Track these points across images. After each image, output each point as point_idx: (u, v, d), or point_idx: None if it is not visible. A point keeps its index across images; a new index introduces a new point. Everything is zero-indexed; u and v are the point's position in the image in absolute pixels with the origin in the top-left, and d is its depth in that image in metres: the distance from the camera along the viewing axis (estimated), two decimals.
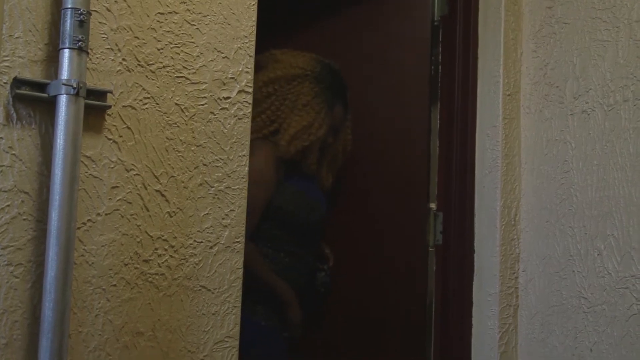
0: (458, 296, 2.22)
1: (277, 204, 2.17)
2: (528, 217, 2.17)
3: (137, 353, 1.39)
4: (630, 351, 1.83)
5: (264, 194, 2.14)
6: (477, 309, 2.19)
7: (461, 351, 2.19)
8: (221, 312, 1.52)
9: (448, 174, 2.32)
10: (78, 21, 1.29)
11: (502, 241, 2.16)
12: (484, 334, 2.16)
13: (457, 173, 2.30)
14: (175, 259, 1.46)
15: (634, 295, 1.84)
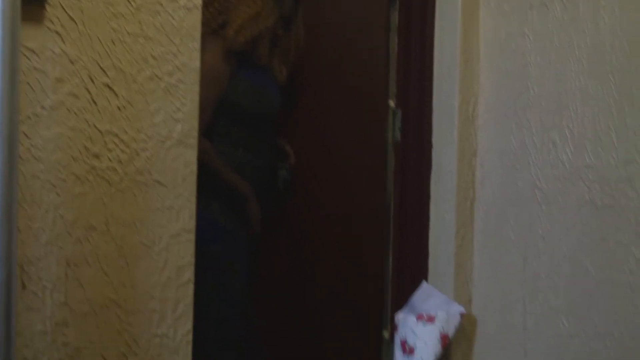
0: (416, 192, 2.25)
1: (231, 99, 2.13)
2: (486, 112, 2.18)
3: (90, 247, 1.38)
4: (580, 238, 1.88)
5: (216, 88, 2.09)
6: (435, 204, 2.22)
7: (419, 245, 2.24)
8: (176, 206, 1.51)
9: (407, 71, 2.31)
10: None
11: (460, 137, 2.18)
12: (441, 228, 2.20)
13: (416, 70, 2.29)
14: (126, 154, 1.44)
15: (586, 185, 1.87)
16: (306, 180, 2.41)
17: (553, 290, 1.95)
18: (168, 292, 1.50)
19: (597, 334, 1.84)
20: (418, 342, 2.08)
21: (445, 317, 2.07)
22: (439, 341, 2.05)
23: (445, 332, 2.06)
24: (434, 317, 2.07)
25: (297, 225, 2.45)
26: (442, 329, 2.06)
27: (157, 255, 1.48)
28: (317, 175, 2.43)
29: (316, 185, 2.42)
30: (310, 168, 2.42)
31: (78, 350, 1.36)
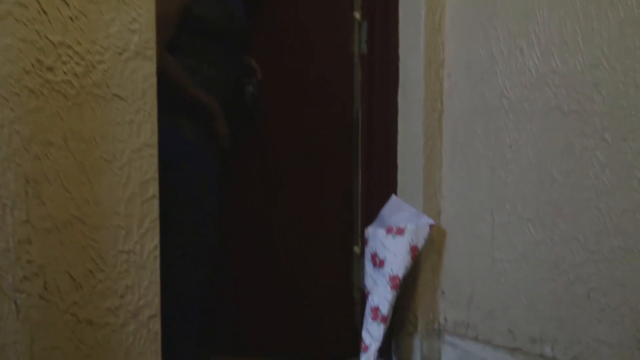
0: (384, 104, 2.23)
1: (195, 11, 2.03)
2: (453, 21, 2.14)
3: (50, 164, 1.34)
4: (547, 144, 1.88)
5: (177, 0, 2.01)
6: (403, 116, 2.20)
7: (387, 159, 2.23)
8: (136, 120, 1.47)
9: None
10: None
11: (427, 47, 2.14)
12: (409, 141, 2.18)
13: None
14: (81, 66, 1.38)
15: (553, 91, 1.86)
16: (273, 96, 2.37)
17: (520, 199, 1.96)
18: (133, 208, 1.47)
19: (563, 240, 1.86)
20: (388, 255, 2.09)
21: (414, 229, 2.08)
22: (408, 253, 2.07)
23: (414, 243, 2.08)
24: (403, 230, 2.08)
25: (265, 142, 2.42)
26: (412, 241, 2.08)
27: (119, 171, 1.45)
28: (284, 91, 2.39)
29: (283, 101, 2.38)
30: (276, 84, 2.37)
31: (43, 267, 1.34)
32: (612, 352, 1.77)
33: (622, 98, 1.72)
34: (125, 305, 1.48)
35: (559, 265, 1.87)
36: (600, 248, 1.78)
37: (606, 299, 1.78)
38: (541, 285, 1.92)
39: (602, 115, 1.76)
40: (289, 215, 2.40)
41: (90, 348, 1.43)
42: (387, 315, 2.07)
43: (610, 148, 1.75)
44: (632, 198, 1.71)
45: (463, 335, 2.16)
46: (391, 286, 2.07)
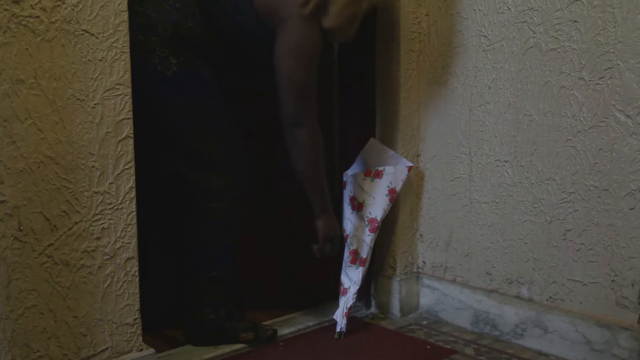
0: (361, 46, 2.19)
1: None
2: None
3: (20, 101, 1.30)
4: (525, 84, 1.87)
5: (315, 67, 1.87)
6: (380, 57, 2.17)
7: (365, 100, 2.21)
8: (108, 58, 1.43)
9: None
10: None
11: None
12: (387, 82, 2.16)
13: None
14: (50, 0, 1.33)
15: (531, 29, 1.84)
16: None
17: (498, 140, 1.96)
18: (107, 148, 1.44)
19: (540, 180, 1.87)
20: (367, 198, 2.09)
21: (393, 171, 2.07)
22: (386, 195, 2.07)
23: (392, 186, 2.07)
24: (381, 172, 2.08)
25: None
26: (390, 184, 2.07)
27: (92, 110, 1.41)
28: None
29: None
30: None
31: (17, 208, 1.31)
32: (587, 291, 1.80)
33: (600, 35, 1.70)
34: (102, 248, 1.46)
35: (536, 206, 1.89)
36: (576, 188, 1.79)
37: (581, 239, 1.79)
38: (518, 226, 1.93)
39: (580, 53, 1.75)
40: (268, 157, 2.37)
41: (67, 290, 1.41)
42: (366, 258, 2.07)
43: (587, 86, 1.74)
44: (608, 137, 1.71)
45: (441, 277, 2.17)
46: (370, 229, 2.07)
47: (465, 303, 2.08)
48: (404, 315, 2.20)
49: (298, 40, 1.80)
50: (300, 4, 1.78)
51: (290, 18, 1.80)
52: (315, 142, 1.89)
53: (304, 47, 1.81)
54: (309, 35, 1.81)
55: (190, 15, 1.82)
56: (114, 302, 1.50)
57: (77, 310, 1.43)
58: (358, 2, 1.85)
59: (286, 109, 1.84)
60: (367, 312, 2.24)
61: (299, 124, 1.84)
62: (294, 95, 1.82)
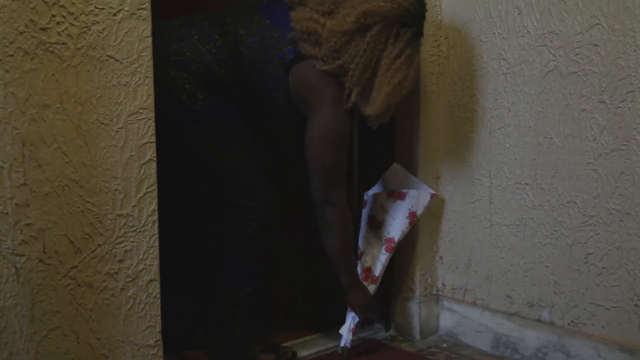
0: None
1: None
2: None
3: (46, 126, 1.33)
4: (545, 107, 1.87)
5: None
6: None
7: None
8: (132, 83, 1.45)
9: None
10: None
11: None
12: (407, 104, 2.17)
13: None
14: (76, 27, 1.36)
15: (551, 52, 1.85)
16: None
17: (518, 163, 1.96)
18: (130, 171, 1.46)
19: (561, 203, 1.86)
20: (386, 217, 2.09)
21: (415, 195, 2.08)
22: (406, 218, 2.07)
23: (414, 209, 2.07)
24: (404, 195, 2.08)
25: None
26: (412, 207, 2.07)
27: (116, 134, 1.43)
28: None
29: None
30: None
31: (42, 231, 1.33)
32: (610, 315, 1.78)
33: (621, 58, 1.71)
34: (124, 270, 1.47)
35: (557, 229, 1.88)
36: (598, 211, 1.78)
37: (603, 263, 1.78)
38: (539, 249, 1.92)
39: (601, 77, 1.75)
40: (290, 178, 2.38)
41: (90, 312, 1.42)
42: (379, 277, 2.07)
43: (608, 110, 1.74)
44: (630, 160, 1.71)
45: (461, 300, 2.17)
46: (386, 248, 2.07)
47: (485, 326, 2.07)
48: (423, 337, 2.19)
49: (331, 127, 1.85)
50: (338, 99, 1.82)
51: (326, 108, 1.84)
52: (344, 221, 1.94)
53: (337, 133, 1.86)
54: (343, 123, 1.87)
55: (224, 63, 1.83)
56: (136, 324, 1.51)
57: (99, 332, 1.45)
58: (399, 90, 1.84)
59: (315, 187, 1.89)
60: (386, 334, 2.23)
61: (328, 203, 1.90)
62: (323, 176, 1.88)
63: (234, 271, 1.89)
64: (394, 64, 1.82)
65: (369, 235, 2.11)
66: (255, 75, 1.87)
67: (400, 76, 1.83)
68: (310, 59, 1.82)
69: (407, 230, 2.09)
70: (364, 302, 2.01)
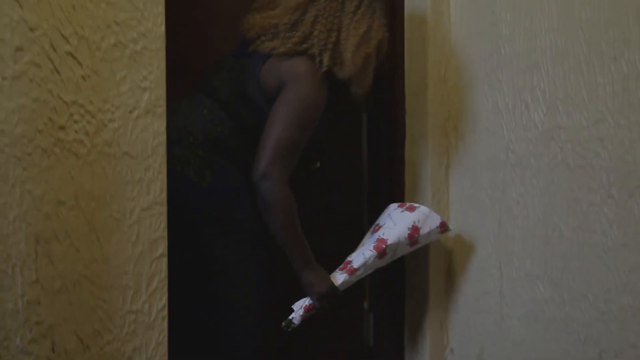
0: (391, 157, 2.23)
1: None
2: (458, 73, 2.16)
3: (60, 223, 1.34)
4: (553, 199, 1.88)
5: (310, 132, 1.85)
6: (410, 170, 2.21)
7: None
8: (146, 178, 1.47)
9: None
10: None
11: (433, 99, 2.16)
12: (416, 193, 2.19)
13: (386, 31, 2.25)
14: (93, 125, 1.39)
15: (559, 146, 1.87)
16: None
17: (528, 255, 1.95)
18: (141, 266, 1.46)
19: (573, 298, 1.84)
20: (388, 222, 2.01)
21: (426, 213, 2.01)
22: (408, 228, 1.98)
23: (418, 225, 1.99)
24: (414, 208, 2.02)
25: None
26: (418, 222, 1.99)
27: (128, 229, 1.44)
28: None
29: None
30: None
31: (51, 328, 1.32)
32: None
33: (628, 153, 1.72)
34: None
35: (569, 324, 1.85)
36: (610, 307, 1.76)
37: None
38: (551, 344, 1.89)
39: (608, 171, 1.76)
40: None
41: None
42: (356, 269, 1.93)
43: (617, 204, 1.74)
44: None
45: None
46: (375, 246, 1.95)
47: None
48: None
49: (302, 100, 1.81)
50: (310, 71, 1.80)
51: (298, 83, 1.81)
52: (285, 197, 1.81)
53: (305, 108, 1.81)
54: (315, 99, 1.82)
55: (219, 119, 1.86)
56: None
57: None
58: (367, 41, 1.86)
59: (257, 161, 1.79)
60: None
61: (267, 177, 1.77)
62: (273, 148, 1.77)
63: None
64: (355, 16, 1.85)
65: (365, 240, 2.03)
66: (243, 109, 1.88)
67: (364, 25, 1.86)
68: (274, 52, 1.84)
69: (405, 244, 1.98)
70: (319, 286, 1.87)
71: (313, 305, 1.89)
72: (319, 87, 1.84)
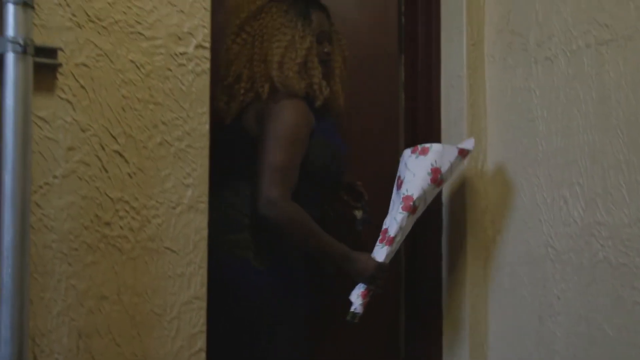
0: (428, 250, 2.23)
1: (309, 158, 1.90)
2: (495, 167, 2.17)
3: (102, 317, 1.36)
4: (596, 297, 1.85)
5: (300, 150, 1.86)
6: (447, 262, 2.19)
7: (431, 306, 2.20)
8: (187, 273, 1.49)
9: (414, 126, 2.30)
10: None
11: (470, 194, 2.17)
12: (454, 286, 2.17)
13: (423, 125, 2.28)
14: (137, 221, 1.42)
15: (599, 242, 1.85)
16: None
17: (571, 353, 1.90)
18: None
19: None
20: (407, 174, 1.93)
21: (440, 150, 1.93)
22: (428, 174, 1.90)
23: (437, 165, 1.91)
24: (427, 150, 1.93)
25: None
26: (435, 162, 1.91)
27: (168, 324, 1.45)
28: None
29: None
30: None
31: None
32: None
33: None
34: None
35: None
36: None
37: None
38: None
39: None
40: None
41: None
42: (394, 237, 1.88)
43: None
44: None
45: None
46: (403, 207, 1.88)
47: None
48: None
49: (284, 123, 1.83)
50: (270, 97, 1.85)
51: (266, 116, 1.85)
52: (296, 214, 1.80)
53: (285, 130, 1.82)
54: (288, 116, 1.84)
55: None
56: None
57: None
58: (297, 44, 1.91)
59: (257, 192, 1.78)
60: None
61: (271, 204, 1.75)
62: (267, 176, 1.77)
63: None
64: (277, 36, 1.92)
65: (394, 197, 1.97)
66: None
67: (286, 39, 1.91)
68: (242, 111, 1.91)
69: (431, 189, 1.92)
70: (365, 271, 1.88)
71: (367, 289, 1.89)
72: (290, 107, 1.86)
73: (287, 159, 1.81)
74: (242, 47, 1.94)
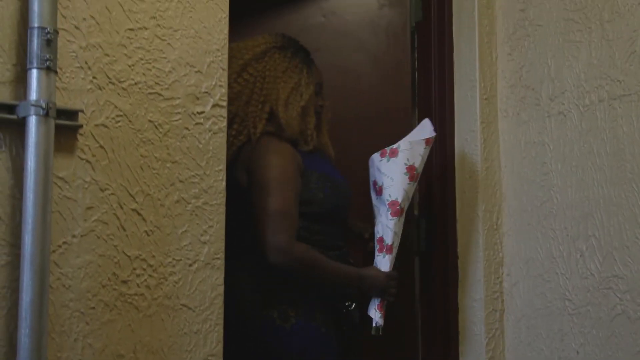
0: (443, 303, 2.21)
1: (306, 197, 1.92)
2: (510, 220, 2.17)
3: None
4: (615, 351, 1.83)
5: (294, 189, 1.87)
6: (463, 315, 2.18)
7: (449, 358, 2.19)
8: (203, 330, 1.49)
9: (429, 181, 2.31)
10: (45, 40, 1.27)
11: (486, 246, 2.16)
12: (471, 340, 2.15)
13: (438, 179, 2.30)
14: (154, 279, 1.44)
15: (617, 296, 1.83)
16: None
17: None
18: None
19: None
20: (385, 180, 1.96)
21: (408, 147, 1.95)
22: (405, 174, 1.95)
23: (410, 162, 1.95)
24: (396, 150, 1.96)
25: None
26: (408, 161, 1.95)
27: None
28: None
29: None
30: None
31: None
32: None
33: None
34: None
35: None
36: None
37: None
38: None
39: None
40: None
41: None
42: (392, 245, 1.93)
43: None
44: None
45: None
46: (391, 213, 1.93)
47: None
48: None
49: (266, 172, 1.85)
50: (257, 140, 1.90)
51: (253, 160, 1.88)
52: (305, 254, 1.83)
53: (274, 173, 1.85)
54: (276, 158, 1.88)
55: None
56: None
57: None
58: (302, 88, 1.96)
59: (261, 242, 1.79)
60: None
61: (277, 252, 1.77)
62: (267, 223, 1.78)
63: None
64: (284, 77, 1.97)
65: (376, 202, 2.00)
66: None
67: (292, 82, 1.97)
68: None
69: (411, 187, 1.96)
70: (376, 285, 1.94)
71: (382, 301, 1.97)
72: (274, 150, 1.90)
73: (284, 202, 1.83)
74: (244, 87, 1.98)
